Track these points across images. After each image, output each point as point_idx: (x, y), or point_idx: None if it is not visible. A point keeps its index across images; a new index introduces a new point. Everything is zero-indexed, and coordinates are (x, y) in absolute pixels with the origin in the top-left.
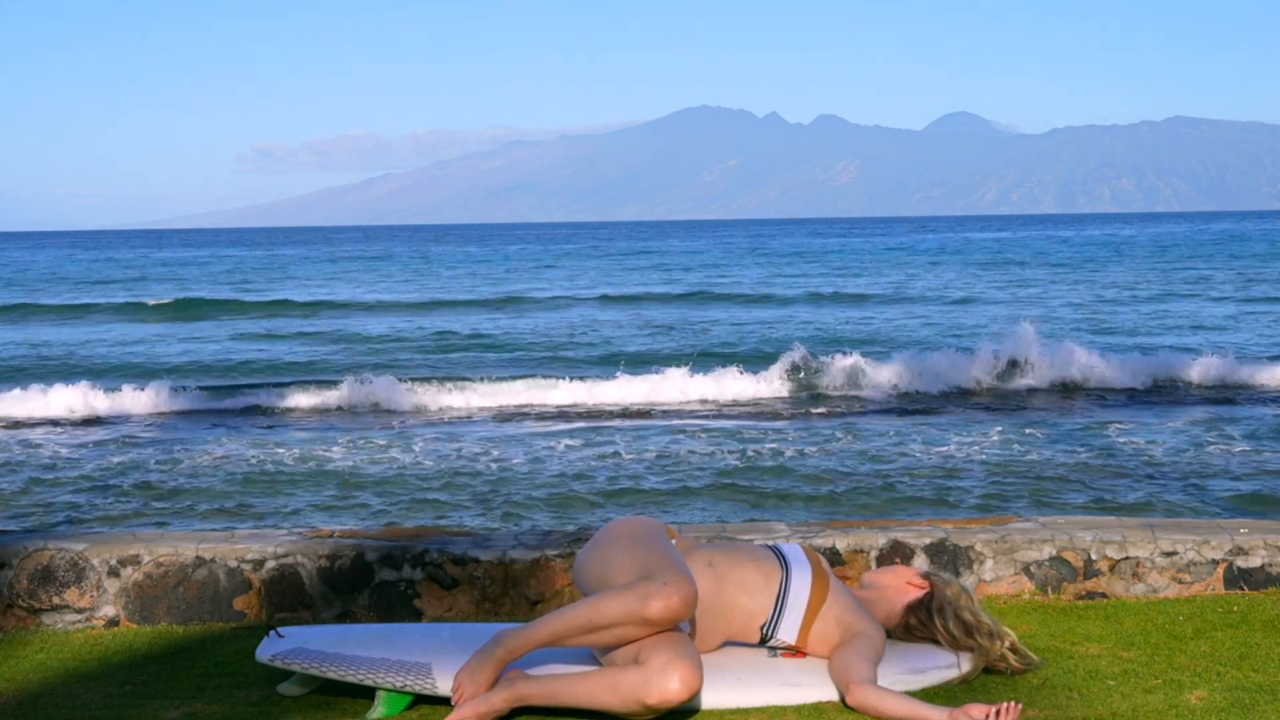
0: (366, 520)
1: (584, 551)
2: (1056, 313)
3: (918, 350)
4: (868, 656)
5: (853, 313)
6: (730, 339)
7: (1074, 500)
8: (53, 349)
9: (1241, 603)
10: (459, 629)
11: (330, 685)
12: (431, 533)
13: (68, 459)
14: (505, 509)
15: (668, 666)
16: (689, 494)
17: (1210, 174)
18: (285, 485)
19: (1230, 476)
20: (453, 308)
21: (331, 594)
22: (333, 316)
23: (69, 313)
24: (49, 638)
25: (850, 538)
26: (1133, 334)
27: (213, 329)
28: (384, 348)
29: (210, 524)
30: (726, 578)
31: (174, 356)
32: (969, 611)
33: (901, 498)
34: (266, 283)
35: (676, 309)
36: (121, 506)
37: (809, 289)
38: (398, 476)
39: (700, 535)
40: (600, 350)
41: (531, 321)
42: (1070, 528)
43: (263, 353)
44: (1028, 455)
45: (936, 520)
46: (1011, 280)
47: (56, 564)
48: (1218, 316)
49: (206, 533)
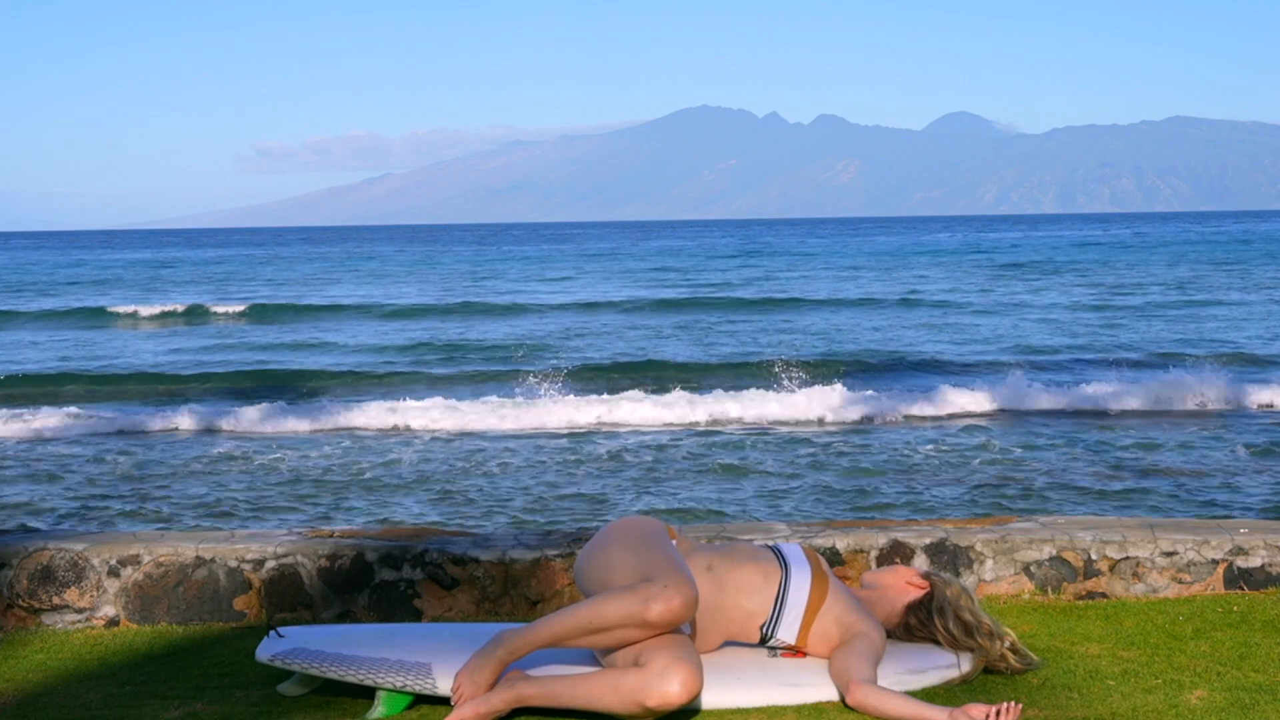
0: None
1: (584, 552)
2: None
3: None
4: (868, 656)
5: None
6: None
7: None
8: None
9: (1241, 603)
10: (459, 629)
11: (330, 685)
12: (431, 533)
13: (67, 459)
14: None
15: (668, 669)
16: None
17: (1210, 174)
18: (286, 486)
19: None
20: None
21: (331, 594)
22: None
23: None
24: (49, 638)
25: (850, 538)
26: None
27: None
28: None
29: (209, 524)
30: (726, 578)
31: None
32: (969, 612)
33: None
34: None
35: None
36: (121, 506)
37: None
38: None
39: (701, 535)
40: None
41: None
42: (1070, 528)
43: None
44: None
45: (936, 520)
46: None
47: (56, 564)
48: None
49: (206, 532)
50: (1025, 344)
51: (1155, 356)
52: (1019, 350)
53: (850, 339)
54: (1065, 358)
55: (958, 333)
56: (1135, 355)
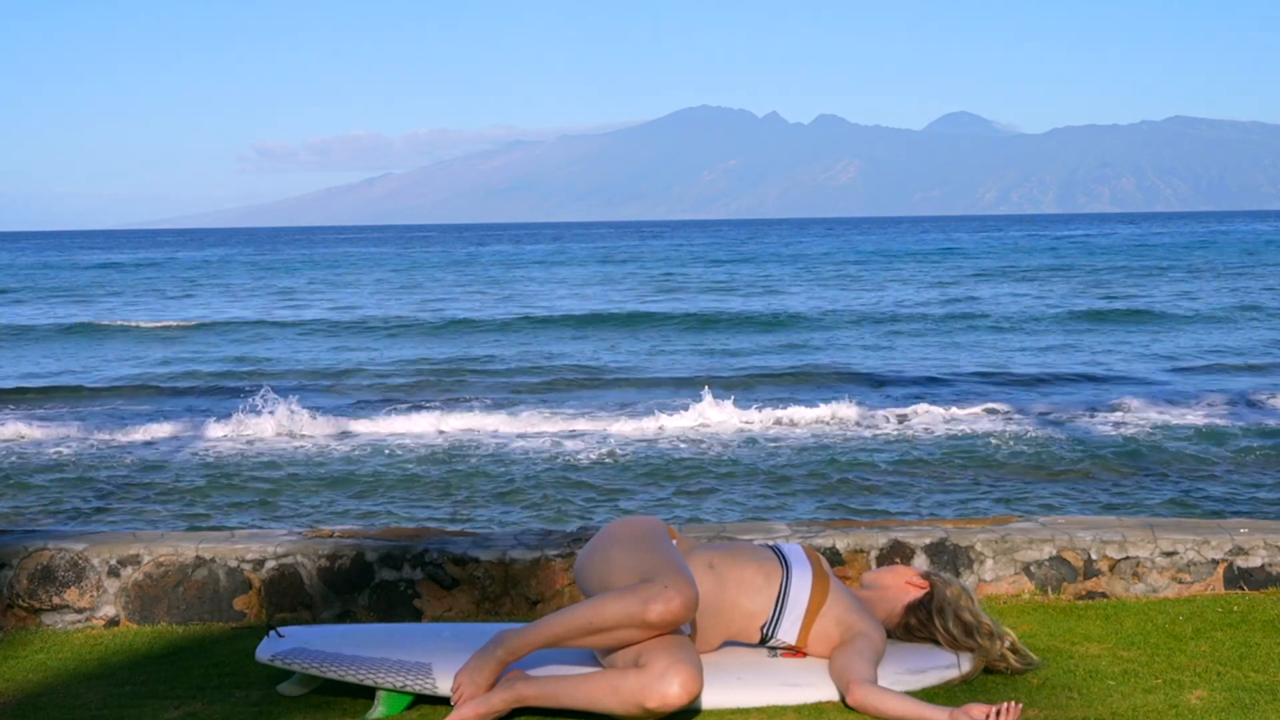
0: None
1: (584, 552)
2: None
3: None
4: (868, 656)
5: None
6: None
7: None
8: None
9: (1241, 603)
10: (459, 629)
11: (330, 685)
12: (431, 533)
13: (68, 458)
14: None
15: (668, 671)
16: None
17: (1210, 174)
18: (287, 486)
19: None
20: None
21: (331, 594)
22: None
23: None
24: (49, 638)
25: (850, 537)
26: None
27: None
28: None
29: (210, 523)
30: (727, 578)
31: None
32: (969, 612)
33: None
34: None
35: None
36: (121, 506)
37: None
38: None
39: (701, 535)
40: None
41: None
42: (1070, 528)
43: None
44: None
45: (937, 520)
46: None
47: (56, 564)
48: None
49: (206, 532)
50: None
51: (1156, 358)
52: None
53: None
54: (1065, 358)
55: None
56: (1135, 354)
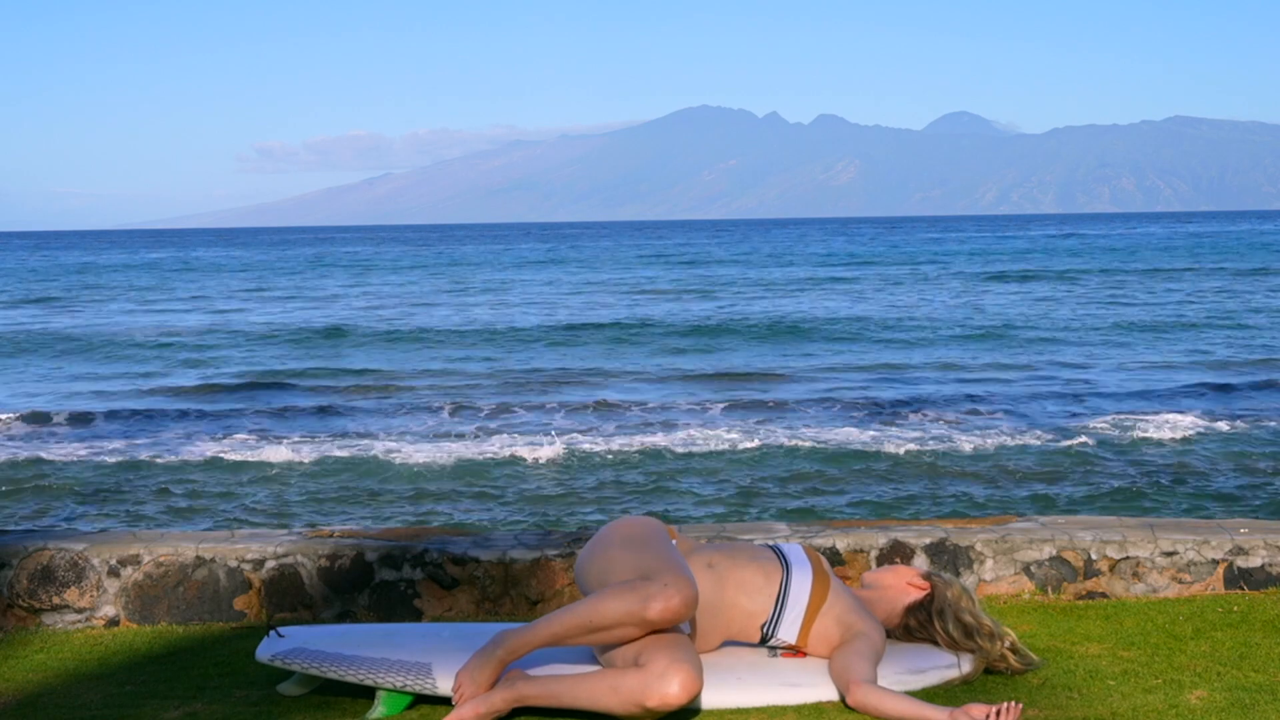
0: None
1: (585, 552)
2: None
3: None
4: (868, 656)
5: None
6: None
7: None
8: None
9: (1241, 603)
10: (459, 629)
11: (330, 685)
12: (431, 533)
13: (68, 458)
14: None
15: (668, 670)
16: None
17: (1210, 174)
18: (286, 485)
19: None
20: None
21: (331, 594)
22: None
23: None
24: (49, 638)
25: (850, 537)
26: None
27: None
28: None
29: (209, 523)
30: (727, 578)
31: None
32: (969, 614)
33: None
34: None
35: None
36: (120, 506)
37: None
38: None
39: (700, 535)
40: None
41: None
42: (1070, 528)
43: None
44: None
45: (937, 520)
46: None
47: (56, 564)
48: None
49: (206, 533)
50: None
51: (1157, 359)
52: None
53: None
54: (1064, 359)
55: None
56: (1136, 357)
